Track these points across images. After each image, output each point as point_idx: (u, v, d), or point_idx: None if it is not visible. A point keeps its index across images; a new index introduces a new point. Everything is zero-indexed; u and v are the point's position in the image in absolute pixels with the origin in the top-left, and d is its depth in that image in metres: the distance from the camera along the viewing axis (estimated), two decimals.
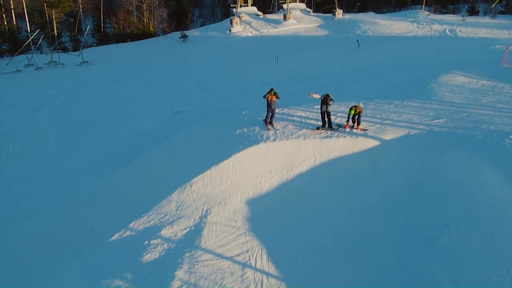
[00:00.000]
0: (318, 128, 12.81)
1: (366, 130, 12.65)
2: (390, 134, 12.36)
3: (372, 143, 12.10)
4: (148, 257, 9.55)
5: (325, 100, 12.68)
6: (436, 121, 13.00)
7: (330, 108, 12.80)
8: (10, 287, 8.84)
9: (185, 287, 8.73)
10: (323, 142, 12.14)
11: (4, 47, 43.14)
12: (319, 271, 9.23)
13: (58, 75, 33.89)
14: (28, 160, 17.62)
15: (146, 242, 9.95)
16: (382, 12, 58.82)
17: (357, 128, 12.70)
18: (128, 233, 10.39)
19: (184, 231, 10.22)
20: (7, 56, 42.99)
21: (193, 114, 18.74)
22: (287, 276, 9.08)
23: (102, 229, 10.86)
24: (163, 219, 10.59)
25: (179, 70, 31.60)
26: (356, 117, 12.69)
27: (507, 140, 11.30)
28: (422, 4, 54.45)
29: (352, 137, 12.34)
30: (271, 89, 12.90)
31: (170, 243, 9.91)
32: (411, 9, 57.71)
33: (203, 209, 10.76)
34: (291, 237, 10.07)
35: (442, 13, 53.69)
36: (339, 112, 13.92)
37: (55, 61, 37.58)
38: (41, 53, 43.04)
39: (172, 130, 16.38)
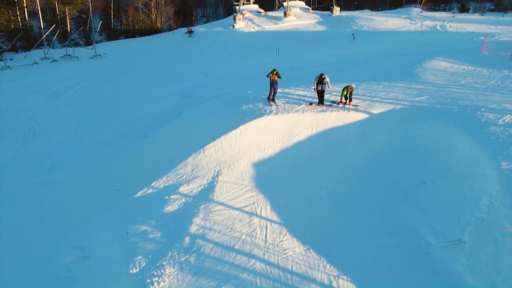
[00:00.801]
0: (311, 104, 14.08)
1: (357, 105, 13.91)
2: (378, 109, 13.63)
3: (362, 116, 13.38)
4: (169, 208, 10.82)
5: (320, 79, 13.94)
6: (418, 98, 14.25)
7: (326, 87, 14.03)
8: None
9: (201, 230, 10.01)
10: (319, 115, 13.42)
11: (18, 43, 44.07)
12: (314, 219, 10.46)
13: (73, 67, 35.09)
14: (53, 137, 18.83)
15: (167, 197, 11.22)
16: (377, 10, 59.80)
17: (349, 104, 13.96)
18: (150, 190, 11.67)
19: (199, 188, 11.50)
20: (21, 51, 44.05)
21: (202, 98, 19.92)
22: (287, 223, 10.30)
23: (127, 189, 12.11)
24: (181, 179, 11.87)
25: (186, 61, 32.80)
26: (348, 95, 13.96)
27: (478, 112, 12.55)
28: (417, 3, 55.56)
29: (344, 111, 13.62)
30: (274, 69, 14.16)
31: (187, 198, 11.18)
32: (406, 7, 58.63)
33: (215, 170, 12.04)
34: (291, 193, 11.32)
35: (434, 10, 54.68)
36: (333, 92, 15.14)
37: (70, 55, 38.78)
38: (52, 48, 44.04)
39: (184, 110, 17.61)
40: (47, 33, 43.99)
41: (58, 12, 48.17)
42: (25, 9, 48.35)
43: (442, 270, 8.71)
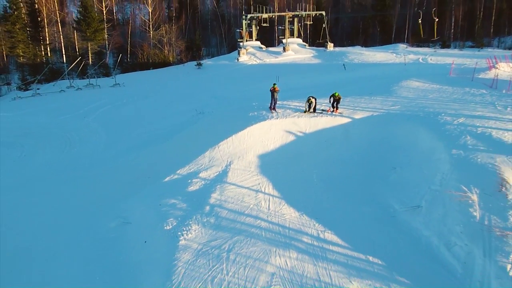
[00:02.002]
0: (305, 111, 16.69)
1: (342, 113, 16.46)
2: (359, 115, 16.17)
3: (346, 120, 15.93)
4: (192, 188, 13.09)
5: (309, 102, 16.61)
6: (393, 107, 16.81)
7: (313, 104, 16.68)
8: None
9: (218, 202, 12.22)
10: (311, 119, 15.97)
11: (42, 77, 46.75)
12: (307, 195, 12.65)
13: (96, 93, 37.90)
14: (87, 146, 21.20)
15: (190, 180, 13.50)
16: (368, 47, 63.49)
17: (335, 112, 16.52)
18: (176, 176, 13.99)
19: (215, 174, 13.82)
20: (45, 83, 46.86)
21: (213, 114, 22.49)
22: (285, 197, 12.50)
23: (156, 176, 14.44)
24: (200, 167, 14.22)
25: (197, 87, 35.65)
26: (335, 103, 16.54)
27: (439, 116, 15.06)
28: (405, 41, 59.51)
29: (332, 116, 16.19)
30: (274, 83, 16.84)
31: (206, 181, 13.47)
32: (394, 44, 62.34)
33: (227, 161, 14.41)
34: (289, 177, 13.60)
35: (418, 46, 58.28)
36: (323, 103, 17.72)
37: (92, 84, 41.82)
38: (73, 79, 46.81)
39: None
40: (71, 66, 47.16)
41: (77, 49, 51.71)
42: (48, 45, 51.99)
43: (404, 226, 10.88)
